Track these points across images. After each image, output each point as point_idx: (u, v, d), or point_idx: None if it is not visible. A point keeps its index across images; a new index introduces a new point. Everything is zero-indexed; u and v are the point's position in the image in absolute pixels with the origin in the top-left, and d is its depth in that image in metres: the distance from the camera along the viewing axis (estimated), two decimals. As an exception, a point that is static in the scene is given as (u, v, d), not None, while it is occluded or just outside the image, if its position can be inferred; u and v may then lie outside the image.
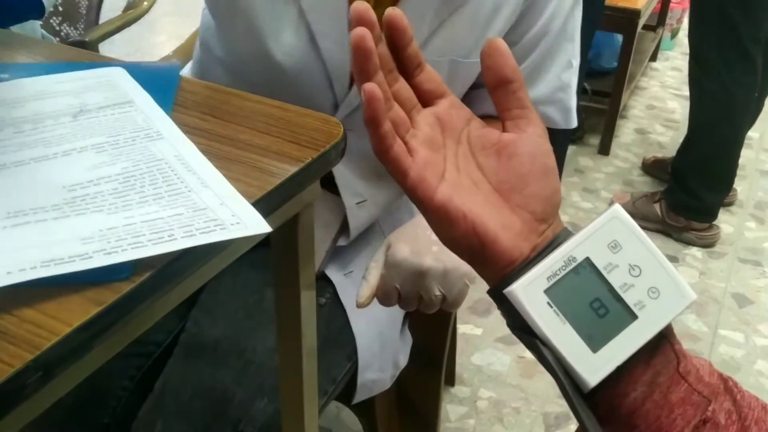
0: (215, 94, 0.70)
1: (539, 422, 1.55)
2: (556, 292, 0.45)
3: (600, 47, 2.72)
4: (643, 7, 2.35)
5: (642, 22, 2.43)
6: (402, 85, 0.48)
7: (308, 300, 0.70)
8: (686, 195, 2.09)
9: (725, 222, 2.24)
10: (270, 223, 0.57)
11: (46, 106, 0.65)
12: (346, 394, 0.94)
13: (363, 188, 0.89)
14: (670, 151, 2.42)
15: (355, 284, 0.89)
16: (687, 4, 2.05)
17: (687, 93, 2.11)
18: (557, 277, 0.46)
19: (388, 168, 0.46)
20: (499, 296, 0.47)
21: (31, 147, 0.59)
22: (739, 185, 2.32)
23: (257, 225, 0.50)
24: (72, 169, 0.56)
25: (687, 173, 2.09)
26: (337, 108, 0.85)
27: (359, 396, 0.92)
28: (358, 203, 0.89)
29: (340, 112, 0.84)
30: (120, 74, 0.72)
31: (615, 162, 2.57)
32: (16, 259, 0.44)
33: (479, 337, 1.75)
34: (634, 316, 0.45)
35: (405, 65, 0.48)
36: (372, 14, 0.44)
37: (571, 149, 2.61)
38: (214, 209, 0.51)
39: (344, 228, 0.91)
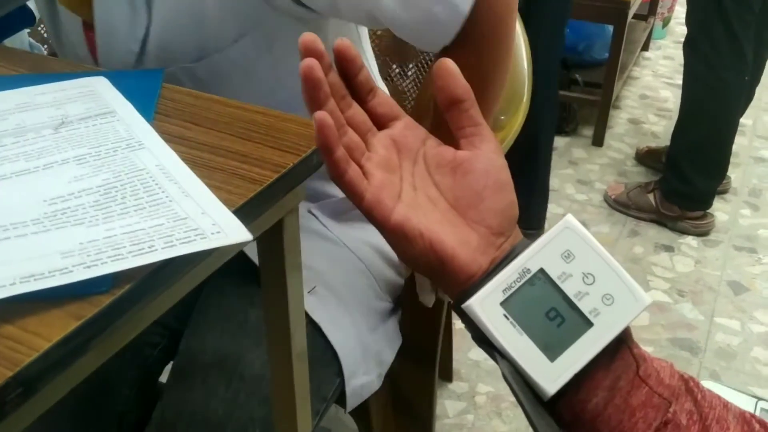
0: (196, 101, 0.70)
1: (537, 416, 1.55)
2: (512, 304, 0.46)
3: (591, 38, 2.72)
4: (633, -3, 2.35)
5: (632, 12, 2.43)
6: (356, 111, 0.49)
7: (296, 303, 0.71)
8: (680, 182, 2.09)
9: (720, 210, 2.24)
10: (254, 229, 0.57)
11: (28, 119, 0.65)
12: (339, 401, 0.94)
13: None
14: (664, 141, 2.42)
15: (322, 299, 0.89)
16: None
17: (680, 82, 2.12)
18: (512, 290, 0.47)
19: (345, 191, 0.47)
20: (461, 311, 0.47)
21: (12, 161, 0.59)
22: (732, 173, 2.33)
23: (238, 233, 0.51)
24: (53, 182, 0.56)
25: (680, 159, 2.09)
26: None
27: (352, 403, 0.92)
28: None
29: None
30: (102, 83, 0.72)
31: (609, 153, 2.57)
32: (-4, 275, 0.45)
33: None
34: (590, 324, 0.46)
35: (357, 91, 0.49)
36: (320, 45, 0.46)
37: (565, 141, 2.62)
38: (194, 218, 0.52)
39: None
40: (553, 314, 0.47)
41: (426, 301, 0.96)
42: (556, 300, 0.47)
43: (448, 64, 0.48)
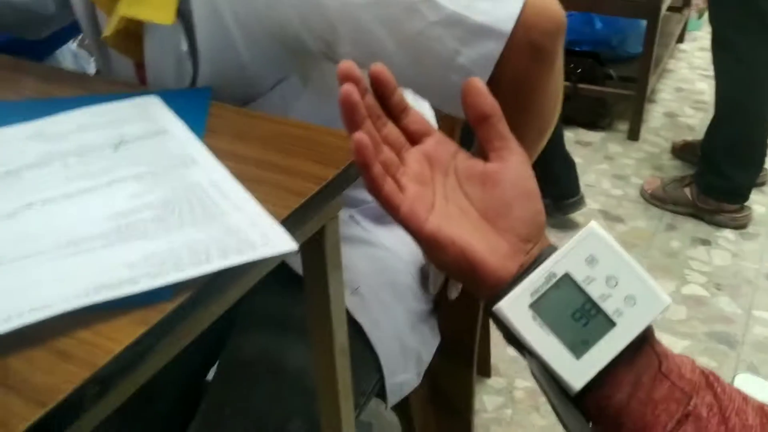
0: (242, 118, 0.75)
1: (575, 410, 1.57)
2: (539, 306, 0.50)
3: (624, 32, 2.72)
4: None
5: (665, 6, 2.42)
6: (391, 129, 0.53)
7: (338, 304, 0.75)
8: (716, 176, 2.09)
9: (757, 203, 2.23)
10: (298, 237, 0.62)
11: (89, 139, 0.71)
12: (380, 398, 0.98)
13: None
14: (700, 134, 2.41)
15: (365, 299, 0.93)
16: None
17: (714, 74, 2.11)
18: (540, 293, 0.50)
19: (382, 204, 0.51)
20: (490, 315, 0.51)
21: (77, 179, 0.65)
22: (771, 164, 2.31)
23: (285, 243, 0.55)
24: (116, 199, 0.62)
25: (716, 154, 2.08)
26: None
27: (392, 399, 0.96)
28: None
29: None
30: (154, 103, 0.77)
31: (644, 147, 2.57)
32: (71, 286, 0.50)
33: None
34: (613, 323, 0.50)
35: (392, 111, 0.53)
36: (356, 71, 0.49)
37: (600, 136, 2.62)
38: (245, 230, 0.56)
39: None
40: (578, 315, 0.50)
41: (451, 294, 1.00)
42: (581, 302, 0.50)
43: (476, 82, 0.52)
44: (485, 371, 1.65)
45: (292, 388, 0.85)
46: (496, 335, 1.73)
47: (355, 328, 0.91)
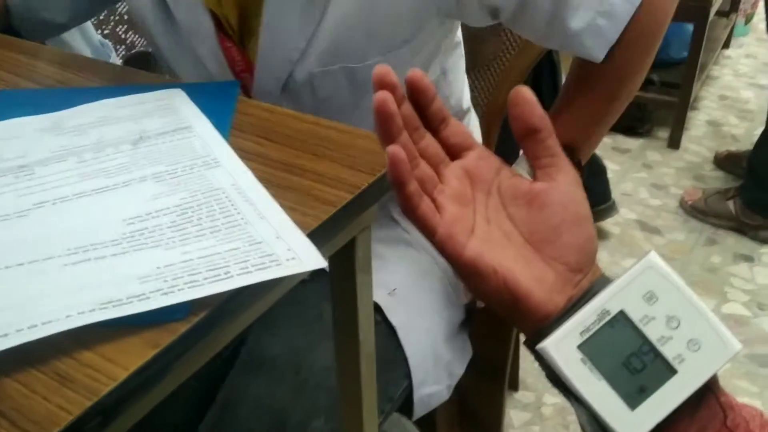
0: (271, 116, 0.70)
1: (606, 430, 1.51)
2: (590, 348, 0.44)
3: (668, 37, 2.62)
4: (716, -7, 2.26)
5: (714, 9, 2.33)
6: (429, 141, 0.48)
7: (366, 317, 0.70)
8: (763, 191, 2.00)
9: (804, 219, 2.13)
10: (327, 249, 0.57)
11: (108, 133, 0.66)
12: (405, 409, 0.93)
13: None
14: (745, 144, 2.32)
15: (401, 302, 0.89)
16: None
17: (763, 82, 2.02)
18: (591, 332, 0.44)
19: (417, 226, 0.46)
20: (532, 352, 0.46)
21: (92, 177, 0.60)
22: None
23: (313, 260, 0.50)
24: (132, 201, 0.57)
25: (764, 168, 1.99)
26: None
27: (418, 411, 0.91)
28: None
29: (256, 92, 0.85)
30: (179, 96, 0.72)
31: (685, 156, 2.48)
32: (75, 301, 0.45)
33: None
34: (674, 371, 0.44)
35: (430, 121, 0.48)
36: (393, 77, 0.45)
37: (639, 143, 2.54)
38: (270, 243, 0.51)
39: None
40: (633, 359, 0.44)
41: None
42: (638, 344, 0.45)
43: (524, 92, 0.46)
44: (513, 385, 1.59)
45: (317, 385, 0.81)
46: (524, 348, 1.67)
47: (388, 330, 0.87)
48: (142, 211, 0.55)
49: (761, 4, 3.21)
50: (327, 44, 0.80)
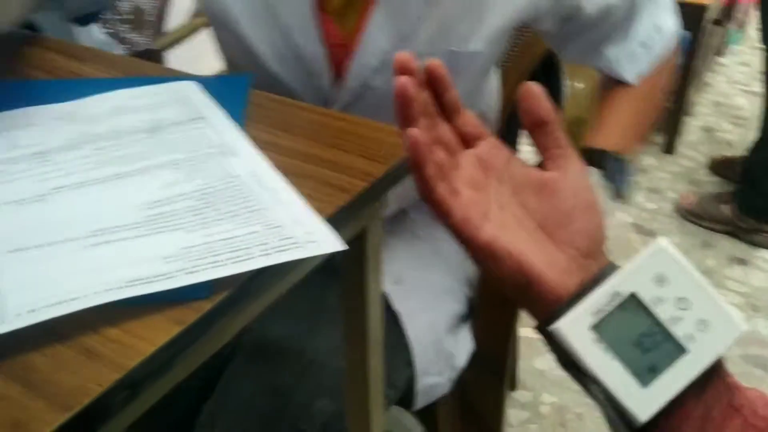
0: (282, 108, 0.71)
1: (604, 429, 1.52)
2: (602, 329, 0.46)
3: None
4: (712, 1, 2.28)
5: (709, 17, 2.36)
6: (444, 129, 0.50)
7: (375, 305, 0.71)
8: (757, 195, 2.02)
9: (798, 223, 2.16)
10: (341, 236, 0.58)
11: (123, 122, 0.67)
12: (406, 401, 0.94)
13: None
14: (738, 150, 2.35)
15: (406, 292, 0.90)
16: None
17: (756, 89, 2.05)
18: (603, 314, 0.46)
19: (433, 209, 0.47)
20: (547, 333, 0.47)
21: (110, 164, 0.61)
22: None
23: (331, 243, 0.51)
24: (150, 186, 0.58)
25: (760, 174, 2.02)
26: (327, 105, 0.86)
27: (420, 402, 0.92)
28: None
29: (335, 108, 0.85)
30: (192, 89, 0.73)
31: (680, 161, 2.51)
32: (101, 279, 0.46)
33: (541, 341, 1.73)
34: (684, 350, 0.45)
35: (445, 110, 0.50)
36: (413, 63, 0.46)
37: (634, 148, 2.56)
38: (288, 227, 0.52)
39: None
40: (645, 339, 0.46)
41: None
42: (649, 325, 0.46)
43: (533, 87, 0.48)
44: (511, 384, 1.59)
45: (321, 366, 0.82)
46: (523, 346, 1.67)
47: (391, 318, 0.88)
48: (161, 196, 0.56)
49: (755, 14, 3.24)
50: (438, 25, 0.80)
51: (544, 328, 0.47)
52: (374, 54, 0.82)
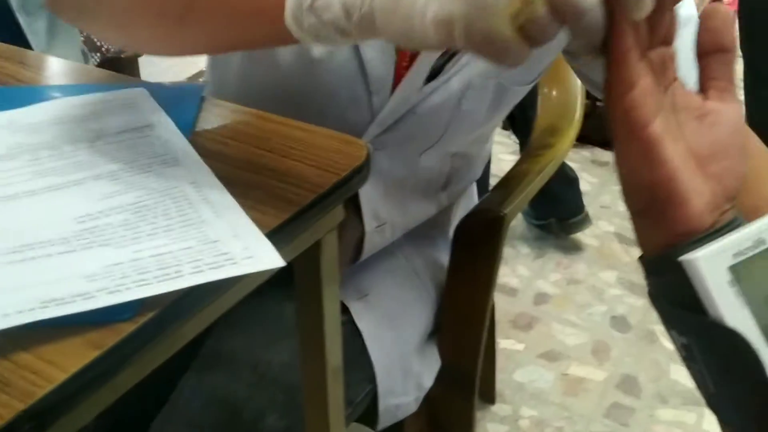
0: (237, 116, 0.68)
1: (583, 443, 1.49)
2: (740, 271, 0.41)
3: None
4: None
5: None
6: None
7: (333, 322, 0.68)
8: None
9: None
10: (290, 251, 0.55)
11: (66, 131, 0.64)
12: (369, 419, 0.91)
13: (386, 211, 0.86)
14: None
15: (372, 308, 0.87)
16: (736, 6, 1.96)
17: (740, 97, 2.03)
18: (744, 256, 0.41)
19: (617, 69, 0.43)
20: (664, 265, 0.43)
21: (45, 175, 0.58)
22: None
23: (270, 259, 0.48)
24: (84, 199, 0.54)
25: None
26: (371, 123, 0.82)
27: (383, 422, 0.89)
28: (377, 227, 0.86)
29: (373, 128, 0.81)
30: (142, 96, 0.70)
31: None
32: (15, 299, 0.43)
33: (521, 353, 1.70)
34: None
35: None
36: None
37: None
38: (225, 242, 0.49)
39: (357, 251, 0.88)
40: None
41: None
42: None
43: (723, 8, 0.45)
44: (490, 398, 1.56)
45: (274, 380, 0.80)
46: (502, 358, 1.65)
47: (354, 331, 0.85)
48: (95, 209, 0.53)
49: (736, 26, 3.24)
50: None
51: (663, 258, 0.43)
52: (423, 76, 0.78)
